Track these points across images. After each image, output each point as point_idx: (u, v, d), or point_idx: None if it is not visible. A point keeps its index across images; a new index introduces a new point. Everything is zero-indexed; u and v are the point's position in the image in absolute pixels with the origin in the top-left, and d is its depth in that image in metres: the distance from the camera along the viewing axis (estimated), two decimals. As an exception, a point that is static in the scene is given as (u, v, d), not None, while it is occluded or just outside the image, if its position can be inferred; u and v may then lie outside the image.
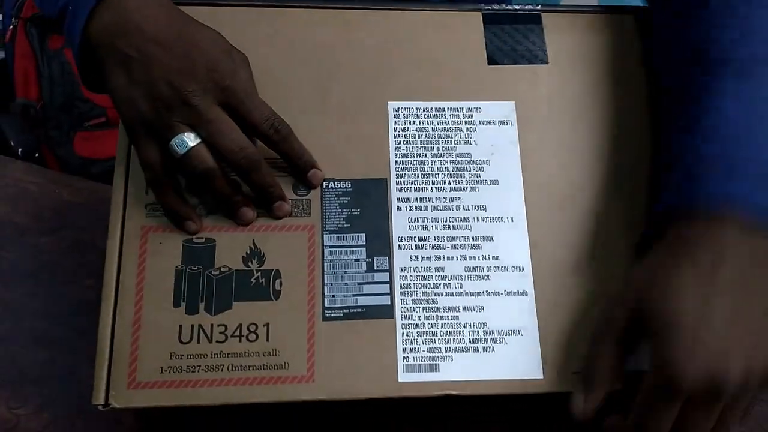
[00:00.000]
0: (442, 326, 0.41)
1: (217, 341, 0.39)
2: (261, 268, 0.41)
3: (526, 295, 0.42)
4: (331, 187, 0.43)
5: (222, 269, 0.41)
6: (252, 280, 0.40)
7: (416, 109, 0.45)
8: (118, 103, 0.40)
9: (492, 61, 0.47)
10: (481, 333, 0.41)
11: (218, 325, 0.39)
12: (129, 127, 0.40)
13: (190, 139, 0.39)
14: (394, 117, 0.45)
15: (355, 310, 0.40)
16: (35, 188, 0.54)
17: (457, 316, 0.41)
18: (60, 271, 0.50)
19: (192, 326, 0.39)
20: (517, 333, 0.41)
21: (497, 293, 0.41)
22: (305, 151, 0.42)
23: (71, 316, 0.37)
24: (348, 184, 0.43)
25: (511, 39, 0.48)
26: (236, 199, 0.41)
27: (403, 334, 0.40)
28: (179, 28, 0.40)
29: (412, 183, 0.44)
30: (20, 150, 0.74)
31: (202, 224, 0.41)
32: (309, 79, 0.45)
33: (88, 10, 0.39)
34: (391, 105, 0.45)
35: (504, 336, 0.41)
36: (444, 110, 0.45)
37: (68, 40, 0.42)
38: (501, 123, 0.45)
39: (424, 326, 0.40)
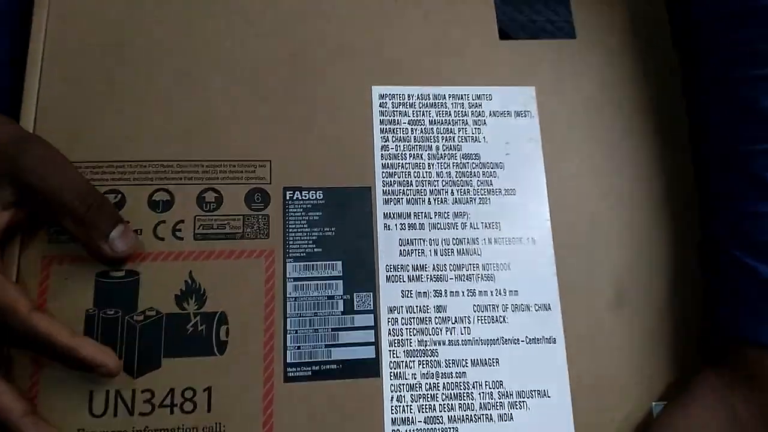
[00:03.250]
0: (444, 387, 0.33)
1: (140, 413, 0.31)
2: (200, 310, 0.32)
3: (554, 342, 0.34)
4: (297, 199, 0.34)
5: (148, 313, 0.32)
6: (189, 327, 0.32)
7: (408, 95, 0.38)
8: None
9: (505, 35, 0.40)
10: (495, 395, 0.33)
11: (142, 391, 0.31)
12: None
13: None
14: (380, 106, 0.37)
15: (327, 367, 0.33)
16: None
17: (464, 373, 0.34)
18: None
19: (107, 393, 0.31)
20: (543, 394, 0.34)
21: (516, 341, 0.34)
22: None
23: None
24: (319, 195, 0.35)
25: (529, 8, 0.41)
26: None
27: (392, 398, 0.33)
28: None
29: (403, 193, 0.36)
30: None
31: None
32: (272, 58, 0.37)
33: None
34: (376, 90, 0.37)
35: (525, 399, 0.33)
36: (444, 97, 0.38)
37: None
38: (518, 114, 0.38)
39: (421, 387, 0.33)
